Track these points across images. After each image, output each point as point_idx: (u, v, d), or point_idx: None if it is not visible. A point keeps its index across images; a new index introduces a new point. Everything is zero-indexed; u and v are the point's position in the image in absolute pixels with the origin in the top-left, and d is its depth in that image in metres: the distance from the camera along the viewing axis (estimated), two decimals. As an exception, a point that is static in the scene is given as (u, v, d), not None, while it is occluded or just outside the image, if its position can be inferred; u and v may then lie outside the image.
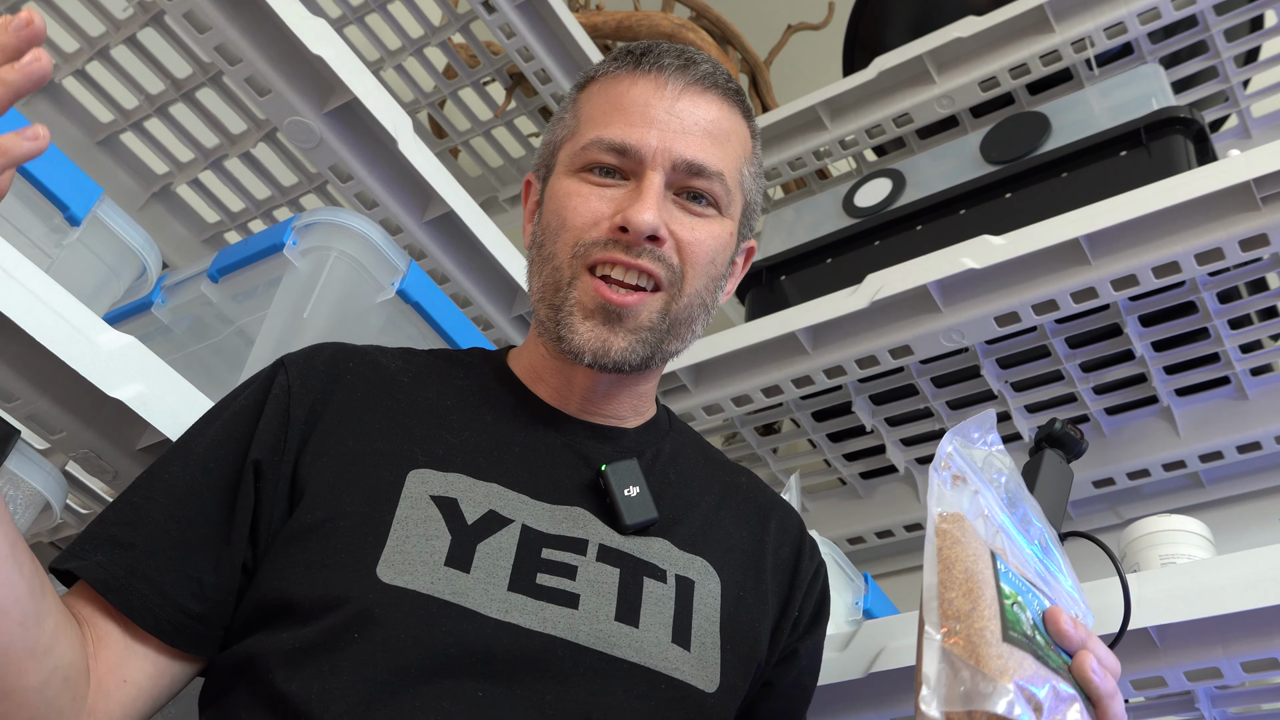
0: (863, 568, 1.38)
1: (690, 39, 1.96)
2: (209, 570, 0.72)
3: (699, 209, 0.83)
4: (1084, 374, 1.40)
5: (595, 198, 0.82)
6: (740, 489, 0.90)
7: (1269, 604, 0.91)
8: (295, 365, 0.80)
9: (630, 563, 0.77)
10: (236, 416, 0.77)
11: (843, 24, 1.93)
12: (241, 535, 0.73)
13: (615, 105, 0.84)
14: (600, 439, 0.85)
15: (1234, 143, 1.65)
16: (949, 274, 1.28)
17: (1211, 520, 1.19)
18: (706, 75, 0.85)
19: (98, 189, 0.94)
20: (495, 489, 0.77)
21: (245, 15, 1.16)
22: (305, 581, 0.70)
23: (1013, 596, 0.63)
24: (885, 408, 1.50)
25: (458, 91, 1.84)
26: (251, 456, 0.74)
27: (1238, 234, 1.16)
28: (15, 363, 0.83)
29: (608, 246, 0.80)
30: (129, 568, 0.70)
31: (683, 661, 0.75)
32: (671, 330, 0.82)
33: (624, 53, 0.87)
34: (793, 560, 0.88)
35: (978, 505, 0.69)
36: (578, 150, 0.84)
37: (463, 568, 0.71)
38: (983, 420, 0.73)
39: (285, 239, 1.03)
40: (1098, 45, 1.56)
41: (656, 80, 0.84)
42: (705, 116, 0.84)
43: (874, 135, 1.74)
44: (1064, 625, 0.65)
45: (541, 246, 0.84)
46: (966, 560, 0.64)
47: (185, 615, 0.71)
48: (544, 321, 0.83)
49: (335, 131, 1.22)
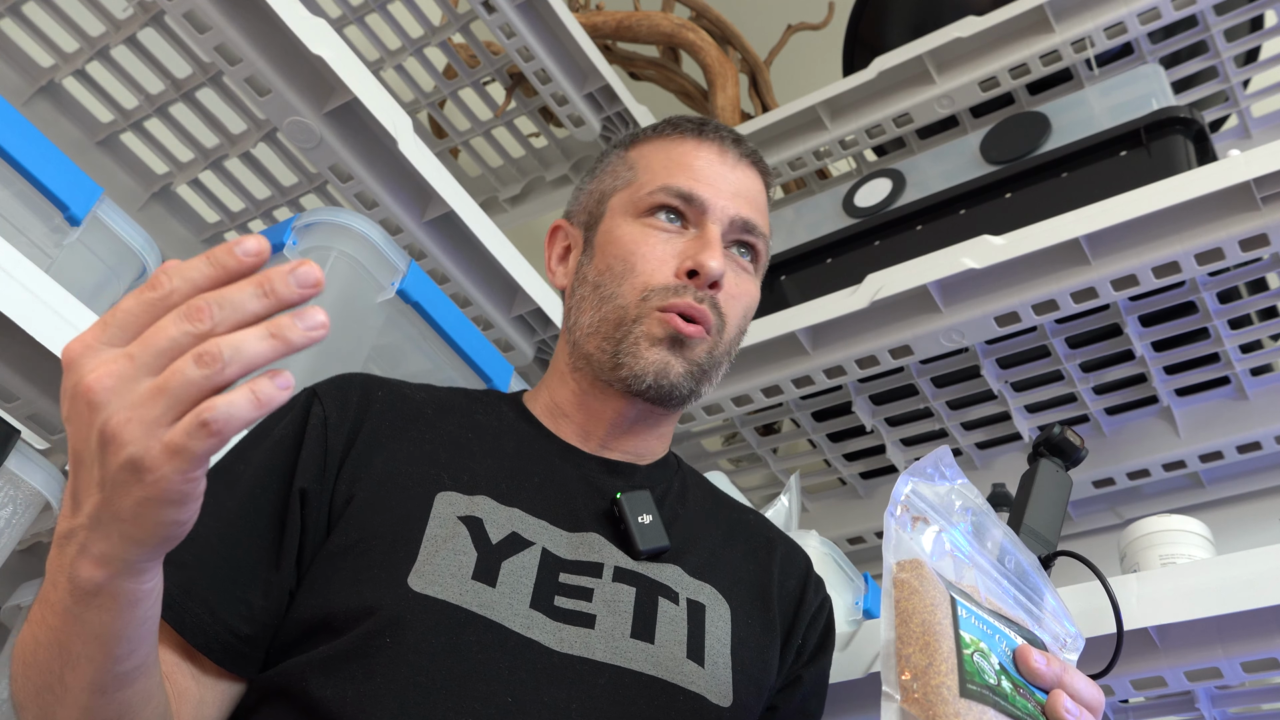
0: (863, 568, 1.38)
1: (690, 39, 1.96)
2: (259, 594, 0.74)
3: (745, 262, 0.91)
4: (1084, 374, 1.40)
5: (661, 244, 0.88)
6: (748, 525, 0.93)
7: (1269, 604, 0.91)
8: (329, 396, 0.83)
9: (645, 582, 0.80)
10: (279, 445, 0.79)
11: (843, 24, 1.93)
12: (290, 561, 0.75)
13: (681, 162, 0.91)
14: (614, 473, 0.88)
15: (1234, 143, 1.65)
16: (949, 274, 1.28)
17: (1211, 520, 1.19)
18: (753, 153, 0.96)
19: (98, 189, 0.94)
20: (517, 513, 0.80)
21: (245, 15, 1.16)
22: (340, 597, 0.73)
23: (974, 645, 0.61)
24: (885, 408, 1.50)
25: (458, 91, 1.84)
26: (298, 485, 0.77)
27: (1238, 234, 1.16)
28: (15, 363, 0.83)
29: (678, 292, 0.85)
30: (184, 586, 0.71)
31: (698, 676, 0.77)
32: (710, 371, 0.88)
33: (682, 120, 0.96)
34: (798, 593, 0.90)
35: (942, 544, 0.67)
36: (642, 196, 0.90)
37: (489, 582, 0.74)
38: (938, 456, 0.71)
39: (285, 239, 1.04)
40: (1098, 45, 1.56)
41: (720, 149, 0.93)
42: (754, 187, 0.94)
43: (874, 135, 1.73)
44: (1034, 664, 0.63)
45: (600, 287, 0.89)
46: (923, 612, 0.61)
47: (234, 636, 0.72)
48: (592, 354, 0.87)
49: (335, 131, 1.22)
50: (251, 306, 0.48)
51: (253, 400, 0.47)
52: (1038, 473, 1.01)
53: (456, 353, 1.16)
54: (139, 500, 0.50)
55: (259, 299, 0.48)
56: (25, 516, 0.84)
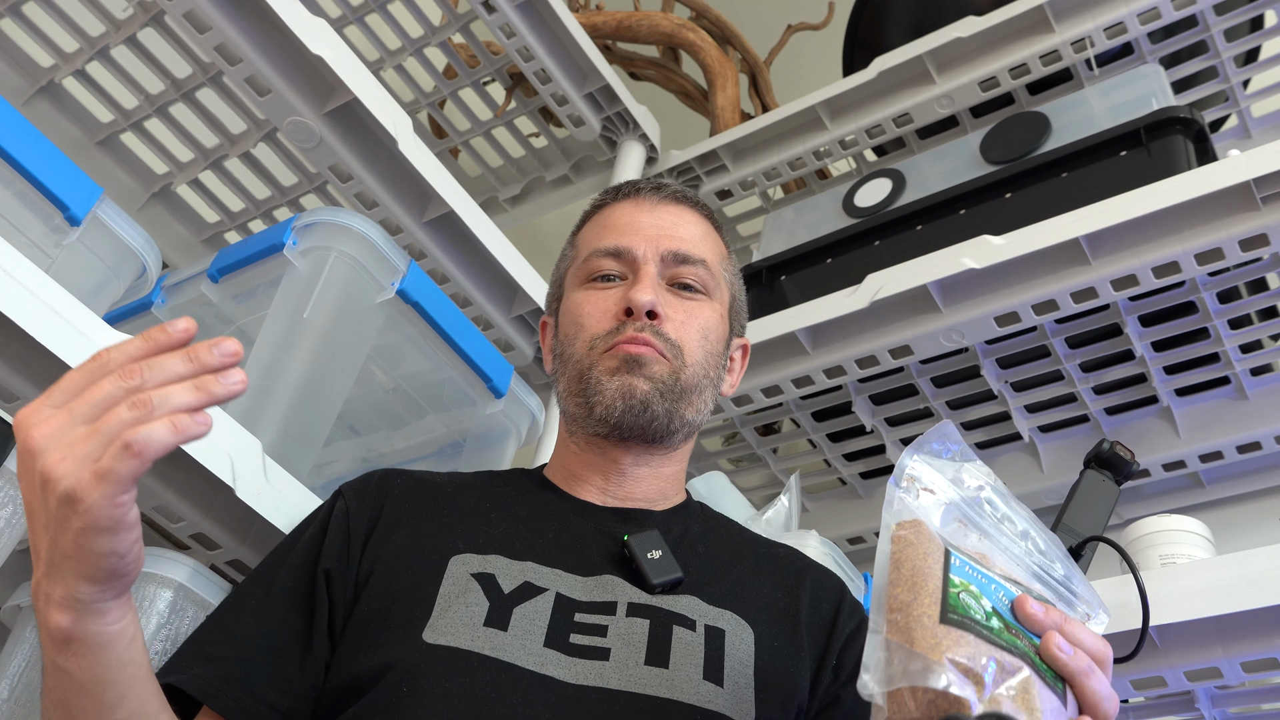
0: (863, 568, 1.38)
1: (690, 39, 1.96)
2: (295, 670, 0.79)
3: (690, 294, 0.96)
4: (1084, 374, 1.40)
5: (601, 299, 0.94)
6: (776, 558, 0.94)
7: (1269, 604, 0.92)
8: (351, 490, 0.90)
9: (659, 614, 0.81)
10: (308, 543, 0.86)
11: (843, 24, 1.92)
12: (321, 636, 0.81)
13: (605, 226, 0.99)
14: (626, 520, 0.91)
15: (1234, 143, 1.65)
16: (949, 274, 1.28)
17: (1211, 520, 1.19)
18: (677, 192, 1.01)
19: (98, 189, 0.94)
20: (530, 565, 0.83)
21: (245, 15, 1.17)
22: (363, 659, 0.78)
23: (963, 585, 0.61)
24: (885, 408, 1.50)
25: (458, 91, 1.84)
26: (322, 566, 0.83)
27: (1238, 234, 1.16)
28: (15, 363, 0.83)
29: (619, 331, 0.91)
30: (223, 675, 0.77)
31: (715, 695, 0.77)
32: (684, 396, 0.91)
33: (605, 191, 1.04)
34: (830, 618, 0.90)
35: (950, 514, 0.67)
36: (579, 266, 0.98)
37: (500, 626, 0.77)
38: (941, 430, 0.71)
39: (285, 239, 1.04)
40: (1098, 45, 1.56)
41: (635, 201, 1.00)
42: (682, 220, 0.99)
43: (874, 135, 1.73)
44: (1030, 609, 0.62)
45: (562, 355, 0.96)
46: (915, 559, 0.63)
47: (275, 711, 0.77)
48: (573, 412, 0.93)
49: (335, 131, 1.22)
50: (178, 369, 0.57)
51: (170, 428, 0.55)
52: (1083, 480, 1.03)
53: (456, 353, 1.16)
54: (77, 532, 0.56)
55: (185, 363, 0.57)
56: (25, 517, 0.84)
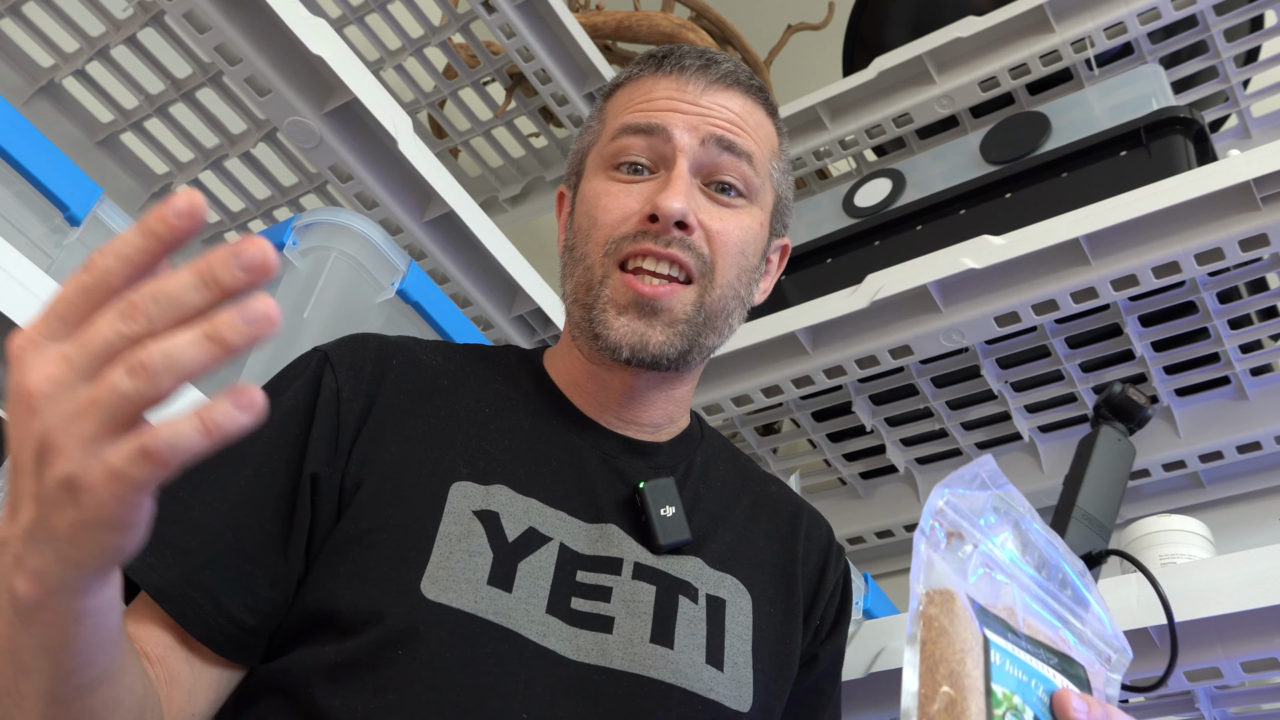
0: (863, 568, 1.38)
1: (690, 39, 1.96)
2: (265, 585, 0.71)
3: (728, 199, 0.84)
4: (1084, 374, 1.40)
5: (624, 194, 0.82)
6: (770, 499, 0.91)
7: (1269, 604, 0.92)
8: (342, 364, 0.79)
9: (665, 580, 0.78)
10: (288, 419, 0.75)
11: (843, 24, 1.93)
12: (299, 550, 0.72)
13: (639, 98, 0.85)
14: (635, 453, 0.85)
15: (1234, 143, 1.65)
16: (949, 274, 1.28)
17: (1211, 520, 1.19)
18: (729, 73, 0.87)
19: (98, 189, 0.94)
20: (534, 504, 0.77)
21: (245, 15, 1.16)
22: (347, 594, 0.70)
23: (1006, 701, 0.58)
24: (885, 408, 1.50)
25: (458, 91, 1.84)
26: (308, 470, 0.73)
27: (1238, 234, 1.16)
28: (15, 363, 0.83)
29: (638, 238, 0.80)
30: (185, 576, 0.68)
31: (716, 682, 0.76)
32: (708, 323, 0.82)
33: (646, 57, 0.88)
34: (819, 570, 0.88)
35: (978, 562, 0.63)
36: (605, 144, 0.85)
37: (505, 587, 0.72)
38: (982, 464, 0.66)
39: (285, 239, 1.04)
40: (1098, 45, 1.56)
41: (679, 80, 0.85)
42: (731, 107, 0.85)
43: (874, 135, 1.74)
44: (1073, 713, 0.59)
45: (573, 249, 0.85)
46: (951, 660, 0.57)
47: (238, 628, 0.69)
48: (579, 322, 0.83)
49: (335, 131, 1.22)
50: (191, 300, 0.43)
51: (201, 429, 0.43)
52: (1097, 442, 0.92)
53: (456, 353, 1.16)
54: (75, 523, 0.46)
55: (199, 290, 0.43)
56: None
